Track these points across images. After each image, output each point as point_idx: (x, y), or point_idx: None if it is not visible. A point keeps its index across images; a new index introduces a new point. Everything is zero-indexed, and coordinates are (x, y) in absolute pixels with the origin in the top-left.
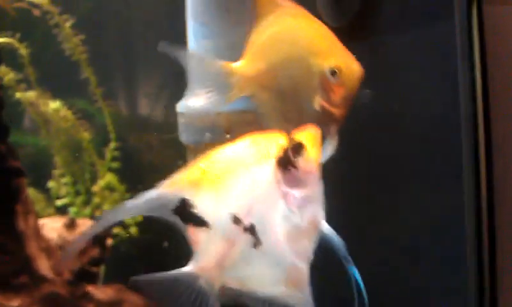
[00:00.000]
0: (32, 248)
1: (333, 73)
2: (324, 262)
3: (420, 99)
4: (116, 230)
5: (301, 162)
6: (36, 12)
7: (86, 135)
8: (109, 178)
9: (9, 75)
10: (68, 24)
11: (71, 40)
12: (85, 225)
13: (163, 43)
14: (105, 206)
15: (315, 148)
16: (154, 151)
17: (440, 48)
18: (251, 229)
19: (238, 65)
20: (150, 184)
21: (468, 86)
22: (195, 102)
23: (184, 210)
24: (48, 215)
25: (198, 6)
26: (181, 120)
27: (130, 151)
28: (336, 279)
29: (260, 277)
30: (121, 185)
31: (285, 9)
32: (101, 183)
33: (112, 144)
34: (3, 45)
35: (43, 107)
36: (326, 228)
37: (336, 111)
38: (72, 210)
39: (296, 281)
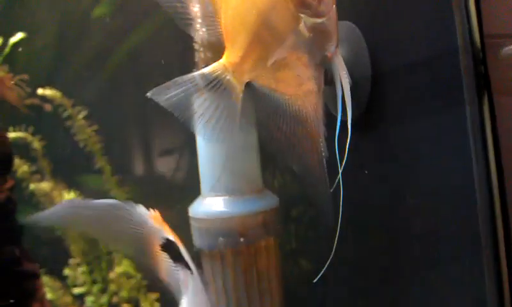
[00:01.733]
0: None
1: None
2: None
3: (433, 189)
4: None
5: None
6: (48, 107)
7: None
8: (125, 265)
9: (23, 168)
10: (81, 116)
11: (84, 132)
12: None
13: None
14: (123, 293)
15: None
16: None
17: (452, 137)
18: None
19: (224, 59)
20: None
21: (483, 176)
22: (208, 205)
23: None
24: (66, 305)
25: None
26: (194, 225)
27: None
28: None
29: None
30: (138, 272)
31: None
32: (117, 270)
33: None
34: (17, 139)
35: (58, 198)
36: None
37: (329, 18)
38: (89, 299)
39: None
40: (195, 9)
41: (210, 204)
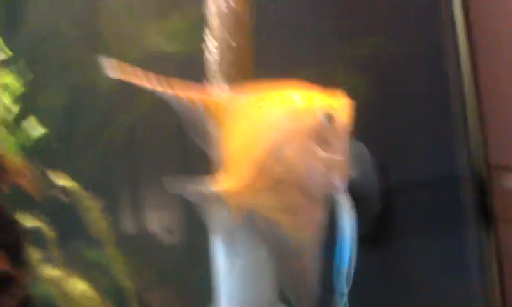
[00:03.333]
0: None
1: (330, 117)
2: None
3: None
4: None
5: None
6: (67, 199)
7: None
8: None
9: (35, 256)
10: (97, 207)
11: (99, 224)
12: None
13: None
14: None
15: None
16: None
17: (453, 260)
18: None
19: (221, 185)
20: None
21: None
22: None
23: None
24: None
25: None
26: None
27: None
28: None
29: None
30: None
31: (244, 101)
32: None
33: None
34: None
35: (68, 288)
36: None
37: (341, 157)
38: None
39: None
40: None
41: None
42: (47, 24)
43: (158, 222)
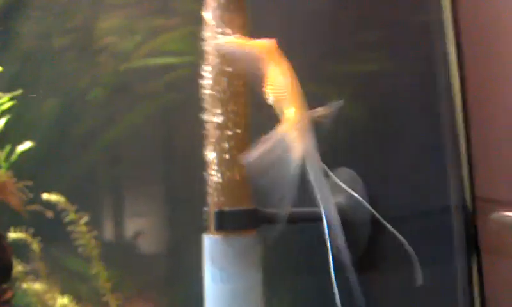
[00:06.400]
0: None
1: None
2: None
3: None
4: None
5: None
6: (50, 214)
7: None
8: None
9: (18, 268)
10: (83, 221)
11: (84, 237)
12: None
13: None
14: None
15: None
16: None
17: (443, 290)
18: None
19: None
20: None
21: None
22: None
23: None
24: None
25: (215, 251)
26: None
27: None
28: None
29: None
30: None
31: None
32: None
33: None
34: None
35: (51, 301)
36: None
37: None
38: None
39: None
40: None
41: None
42: (38, 36)
43: (143, 233)
